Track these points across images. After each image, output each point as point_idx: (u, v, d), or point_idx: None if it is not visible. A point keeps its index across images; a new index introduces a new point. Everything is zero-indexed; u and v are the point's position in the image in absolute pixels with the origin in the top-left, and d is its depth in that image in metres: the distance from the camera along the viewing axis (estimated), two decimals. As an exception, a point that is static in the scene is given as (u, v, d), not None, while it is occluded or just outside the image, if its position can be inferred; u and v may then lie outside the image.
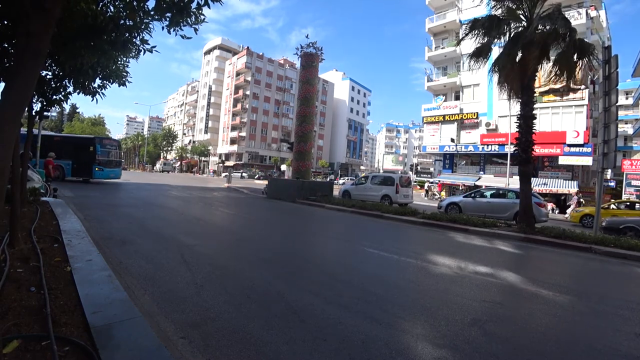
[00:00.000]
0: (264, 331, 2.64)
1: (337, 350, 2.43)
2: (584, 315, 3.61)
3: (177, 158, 71.32)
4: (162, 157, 74.49)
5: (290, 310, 3.10)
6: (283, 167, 40.38)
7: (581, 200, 18.83)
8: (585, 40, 9.60)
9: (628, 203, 15.21)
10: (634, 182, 21.34)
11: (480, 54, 9.97)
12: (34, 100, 5.89)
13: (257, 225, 8.68)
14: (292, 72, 62.41)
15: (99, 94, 5.67)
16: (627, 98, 40.88)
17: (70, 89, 5.87)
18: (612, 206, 15.27)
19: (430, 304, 3.50)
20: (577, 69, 9.04)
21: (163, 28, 3.97)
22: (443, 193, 27.88)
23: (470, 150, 26.88)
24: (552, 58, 9.41)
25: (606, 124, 8.48)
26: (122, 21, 4.30)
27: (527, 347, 2.70)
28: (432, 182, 32.71)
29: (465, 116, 27.41)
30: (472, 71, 10.77)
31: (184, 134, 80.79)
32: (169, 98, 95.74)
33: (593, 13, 23.48)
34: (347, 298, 3.53)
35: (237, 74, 61.82)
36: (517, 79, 9.45)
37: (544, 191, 20.99)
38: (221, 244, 5.97)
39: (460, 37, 10.85)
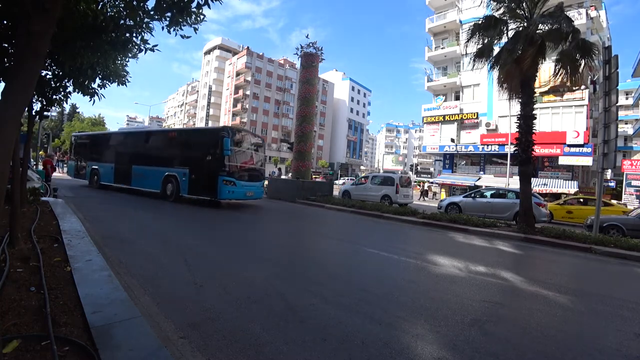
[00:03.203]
0: (263, 331, 2.64)
1: (337, 350, 2.43)
2: (584, 315, 3.61)
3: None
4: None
5: (290, 310, 3.10)
6: (276, 168, 40.16)
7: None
8: (586, 39, 9.59)
9: (582, 200, 15.50)
10: (634, 183, 21.33)
11: (482, 54, 9.97)
12: (34, 100, 5.89)
13: (257, 226, 8.68)
14: (292, 72, 62.39)
15: (98, 95, 5.66)
16: (627, 98, 40.86)
17: (70, 89, 5.87)
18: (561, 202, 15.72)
19: (430, 304, 3.50)
20: (580, 68, 9.03)
21: (163, 28, 3.97)
22: (443, 193, 27.88)
23: (470, 151, 26.87)
24: (554, 57, 9.41)
25: (606, 124, 8.48)
26: (122, 21, 4.30)
27: (527, 347, 2.70)
28: (431, 182, 32.71)
29: (465, 116, 27.40)
30: (472, 71, 10.75)
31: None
32: (169, 98, 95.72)
33: (593, 13, 23.47)
34: (347, 298, 3.53)
35: (237, 74, 61.79)
36: (517, 78, 9.45)
37: (544, 191, 20.98)
38: (221, 244, 5.97)
39: (463, 40, 10.85)
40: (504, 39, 9.83)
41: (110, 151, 14.41)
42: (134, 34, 4.44)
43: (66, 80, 5.67)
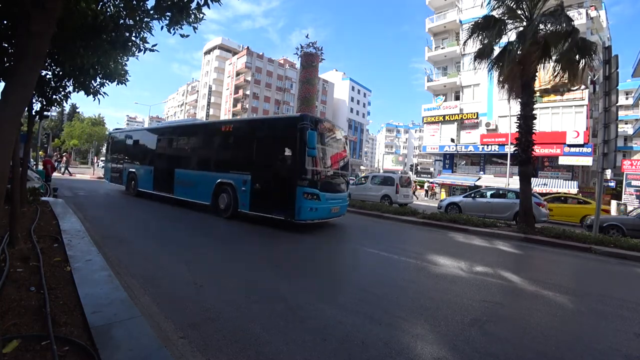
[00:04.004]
0: (263, 331, 2.64)
1: (337, 350, 2.43)
2: (584, 315, 3.61)
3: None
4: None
5: (290, 310, 3.10)
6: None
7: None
8: (585, 38, 9.59)
9: (562, 197, 15.78)
10: (634, 183, 21.30)
11: (482, 55, 9.97)
12: (34, 100, 5.89)
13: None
14: (292, 72, 62.40)
15: (100, 94, 5.67)
16: (627, 98, 40.84)
17: (70, 88, 5.87)
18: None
19: (429, 304, 3.50)
20: (580, 68, 9.03)
21: (162, 28, 3.97)
22: (443, 193, 27.87)
23: (470, 151, 26.86)
24: (554, 57, 9.40)
25: (606, 124, 8.48)
26: (121, 21, 4.30)
27: (526, 347, 2.70)
28: (431, 182, 32.70)
29: (465, 116, 27.40)
30: (472, 71, 10.76)
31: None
32: (169, 98, 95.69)
33: (593, 13, 23.47)
34: (347, 298, 3.53)
35: (237, 74, 61.81)
36: (517, 78, 9.45)
37: (544, 191, 20.97)
38: (220, 242, 5.97)
39: (463, 40, 10.85)
40: (504, 39, 9.84)
41: (148, 150, 11.77)
42: (134, 34, 4.44)
43: (66, 80, 5.67)
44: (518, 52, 9.22)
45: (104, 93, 5.70)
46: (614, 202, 21.11)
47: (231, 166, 8.57)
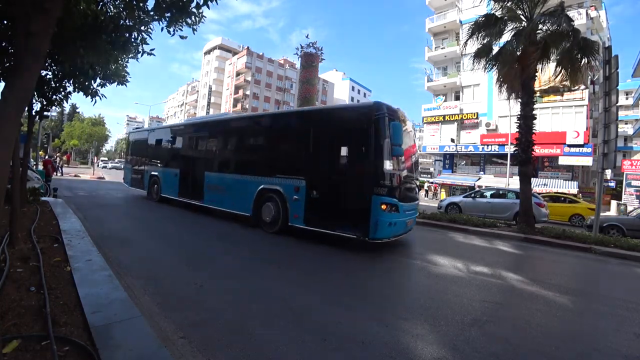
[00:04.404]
0: (263, 331, 2.64)
1: (337, 350, 2.43)
2: (584, 315, 3.61)
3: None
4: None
5: (290, 310, 3.10)
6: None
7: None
8: (587, 38, 9.59)
9: (551, 196, 15.95)
10: (634, 183, 21.30)
11: (481, 54, 9.98)
12: (34, 100, 5.90)
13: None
14: (292, 72, 62.42)
15: (99, 95, 5.67)
16: (627, 98, 40.84)
17: (70, 88, 5.88)
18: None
19: (429, 303, 3.50)
20: (580, 68, 9.03)
21: (162, 29, 3.97)
22: (443, 193, 27.87)
23: (470, 151, 26.86)
24: (553, 57, 9.41)
25: (606, 124, 8.48)
26: (122, 21, 4.30)
27: (526, 347, 2.70)
28: (431, 182, 32.70)
29: (465, 116, 27.39)
30: (472, 71, 10.76)
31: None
32: (169, 98, 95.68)
33: (593, 13, 23.48)
34: (347, 297, 3.54)
35: (237, 74, 61.83)
36: (516, 78, 9.46)
37: (544, 191, 20.98)
38: (223, 244, 5.97)
39: (463, 40, 10.85)
40: (504, 39, 9.84)
41: (173, 151, 10.42)
42: (134, 35, 4.45)
43: (66, 80, 5.69)
44: (518, 52, 9.22)
45: (102, 95, 5.71)
46: (614, 202, 21.11)
47: (279, 169, 6.88)
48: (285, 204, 6.59)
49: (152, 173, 11.11)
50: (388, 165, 5.42)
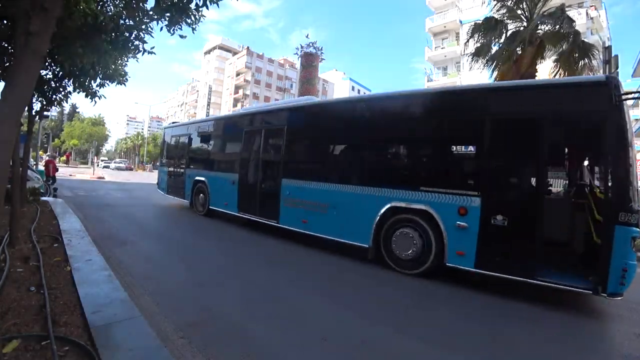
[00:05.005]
0: (263, 331, 2.64)
1: (337, 350, 2.43)
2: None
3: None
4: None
5: (290, 309, 3.10)
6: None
7: None
8: (586, 40, 9.61)
9: None
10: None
11: (479, 54, 9.99)
12: (34, 100, 5.90)
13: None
14: (292, 72, 62.44)
15: (98, 96, 5.67)
16: (627, 98, 40.82)
17: (70, 88, 5.88)
18: None
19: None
20: (578, 69, 9.05)
21: (162, 29, 3.97)
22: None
23: (471, 150, 26.82)
24: (554, 57, 9.42)
25: (606, 124, 8.45)
26: (122, 21, 4.30)
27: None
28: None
29: (465, 116, 27.37)
30: (472, 71, 10.75)
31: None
32: (169, 98, 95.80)
33: (593, 13, 23.46)
34: (347, 297, 3.54)
35: (237, 74, 61.87)
36: (514, 78, 9.47)
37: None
38: (222, 244, 5.97)
39: (463, 40, 10.88)
40: (504, 39, 9.85)
41: (229, 150, 8.11)
42: (134, 35, 4.45)
43: (66, 80, 5.69)
44: (518, 53, 9.23)
45: (102, 95, 5.71)
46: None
47: (426, 178, 4.59)
48: (439, 233, 4.24)
49: (197, 178, 8.65)
50: (635, 178, 3.49)
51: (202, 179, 8.47)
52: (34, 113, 6.10)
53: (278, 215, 6.17)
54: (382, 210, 4.73)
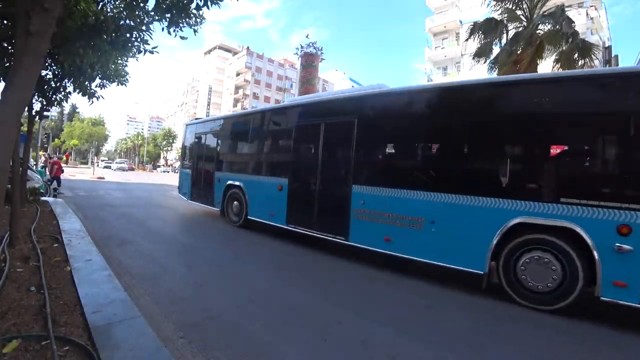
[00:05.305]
0: (264, 331, 2.64)
1: (337, 350, 2.43)
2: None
3: (178, 158, 71.34)
4: (162, 157, 74.53)
5: (290, 309, 3.10)
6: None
7: None
8: (586, 40, 9.62)
9: None
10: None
11: (481, 54, 10.00)
12: (34, 100, 5.90)
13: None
14: (292, 72, 62.48)
15: (97, 97, 5.68)
16: (627, 98, 40.83)
17: (70, 88, 5.89)
18: None
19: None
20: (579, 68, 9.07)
21: (163, 29, 3.98)
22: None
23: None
24: (554, 58, 9.42)
25: (606, 124, 8.47)
26: (122, 21, 4.31)
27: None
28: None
29: (465, 116, 27.36)
30: (473, 71, 10.78)
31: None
32: (169, 98, 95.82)
33: (593, 13, 23.47)
34: (347, 297, 3.54)
35: (237, 74, 61.92)
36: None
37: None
38: (221, 244, 5.97)
39: (463, 41, 10.91)
40: (504, 40, 9.86)
41: (276, 149, 6.86)
42: (134, 35, 4.45)
43: (66, 80, 5.69)
44: (518, 51, 9.24)
45: (100, 96, 5.72)
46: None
47: (567, 186, 3.58)
48: (588, 259, 3.26)
49: (232, 183, 7.31)
50: None
51: (237, 183, 7.14)
52: (34, 113, 6.10)
53: (347, 231, 4.98)
54: (505, 228, 3.64)
